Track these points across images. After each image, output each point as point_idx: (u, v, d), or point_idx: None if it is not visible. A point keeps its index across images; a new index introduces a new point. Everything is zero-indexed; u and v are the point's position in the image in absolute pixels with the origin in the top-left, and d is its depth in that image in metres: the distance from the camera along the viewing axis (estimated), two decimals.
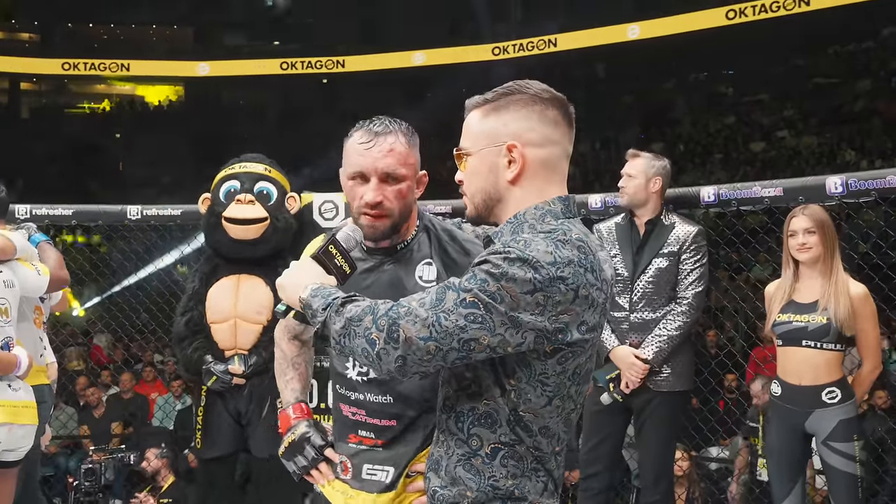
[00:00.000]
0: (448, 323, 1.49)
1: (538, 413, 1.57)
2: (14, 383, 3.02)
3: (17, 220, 4.67)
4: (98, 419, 6.96)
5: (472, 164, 1.68)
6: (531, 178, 1.64)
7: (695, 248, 3.67)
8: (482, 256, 1.54)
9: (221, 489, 4.19)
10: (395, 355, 1.52)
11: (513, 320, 1.48)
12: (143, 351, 9.07)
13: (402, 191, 1.94)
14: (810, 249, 3.35)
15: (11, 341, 3.07)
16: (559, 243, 1.52)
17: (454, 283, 1.53)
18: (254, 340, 4.07)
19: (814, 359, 3.31)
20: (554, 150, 1.66)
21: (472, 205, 1.70)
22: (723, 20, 17.81)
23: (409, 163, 1.95)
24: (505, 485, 1.59)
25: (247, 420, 4.10)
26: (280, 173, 4.34)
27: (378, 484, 1.96)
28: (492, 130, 1.65)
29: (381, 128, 1.96)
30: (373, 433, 1.97)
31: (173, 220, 4.94)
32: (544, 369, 1.55)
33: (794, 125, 18.15)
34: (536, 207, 1.62)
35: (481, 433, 1.59)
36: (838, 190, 3.70)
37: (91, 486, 5.38)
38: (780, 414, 3.42)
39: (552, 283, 1.48)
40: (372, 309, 1.57)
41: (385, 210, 1.93)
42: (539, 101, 1.65)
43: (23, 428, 3.02)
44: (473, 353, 1.51)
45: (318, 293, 1.67)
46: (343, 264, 1.82)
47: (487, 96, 1.68)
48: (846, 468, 3.25)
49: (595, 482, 3.77)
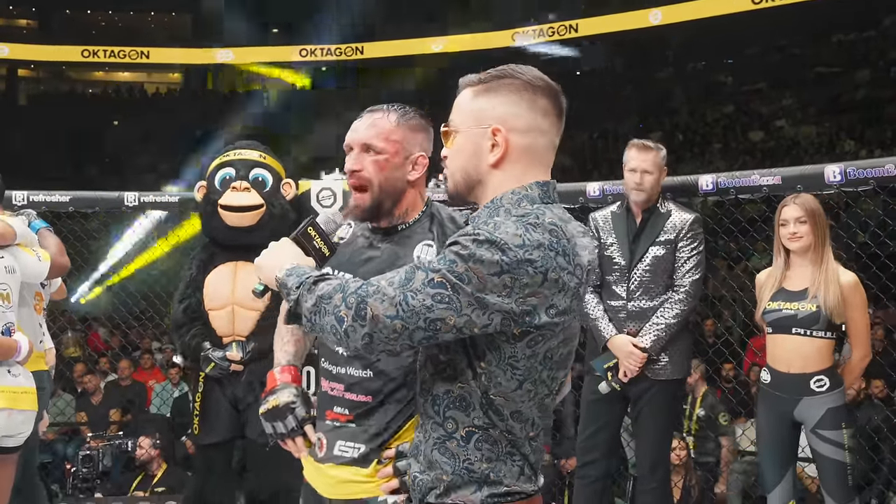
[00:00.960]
0: (415, 302, 1.50)
1: (509, 397, 1.57)
2: (14, 369, 3.03)
3: (14, 207, 4.66)
4: (96, 406, 6.98)
5: (458, 142, 1.68)
6: (513, 164, 1.64)
7: (692, 236, 3.65)
8: (453, 238, 1.54)
9: (219, 475, 4.20)
10: (361, 333, 1.53)
11: (479, 301, 1.49)
12: (141, 338, 9.08)
13: (379, 162, 1.98)
14: (801, 239, 3.36)
15: (13, 327, 3.07)
16: (529, 226, 1.52)
17: (424, 263, 1.54)
18: (252, 327, 4.08)
19: (803, 346, 3.32)
20: (539, 139, 1.65)
21: (452, 182, 1.70)
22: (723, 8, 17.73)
23: (391, 138, 1.99)
24: (480, 468, 1.58)
25: (244, 406, 4.11)
26: (275, 159, 4.34)
27: (349, 459, 1.99)
28: (480, 111, 1.65)
29: (376, 108, 2.03)
30: (347, 409, 1.99)
31: (171, 206, 4.94)
32: (514, 353, 1.55)
33: (793, 115, 18.13)
34: (514, 192, 1.63)
35: (456, 416, 1.60)
36: (837, 178, 3.70)
37: (89, 473, 5.39)
38: (769, 401, 3.43)
39: (519, 265, 1.48)
40: (342, 287, 1.58)
41: (363, 179, 1.98)
42: (530, 89, 1.64)
43: (22, 413, 3.02)
44: (440, 332, 1.52)
45: (293, 272, 1.69)
46: (322, 246, 1.83)
47: (481, 76, 1.68)
48: (835, 456, 3.27)
49: (592, 470, 3.78)
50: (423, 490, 1.63)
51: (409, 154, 2.01)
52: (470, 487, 1.59)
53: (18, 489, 3.36)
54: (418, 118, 2.04)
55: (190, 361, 4.31)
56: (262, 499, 4.21)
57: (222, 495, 4.22)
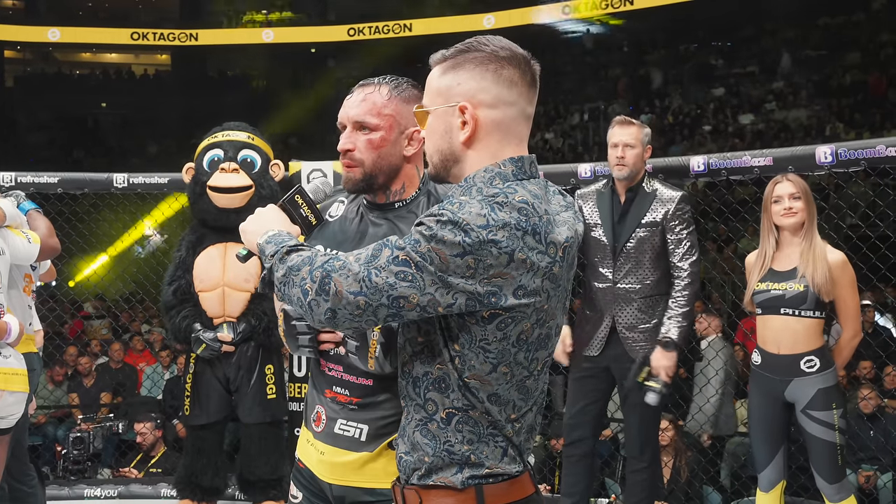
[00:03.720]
0: (378, 279, 1.49)
1: (484, 380, 1.54)
2: (4, 350, 3.02)
3: (1, 189, 4.63)
4: (87, 388, 6.97)
5: (430, 123, 1.64)
6: (485, 140, 1.60)
7: (680, 216, 3.60)
8: (420, 217, 1.52)
9: (209, 456, 4.21)
10: (325, 307, 1.53)
11: (442, 281, 1.47)
12: (132, 321, 9.05)
13: (373, 141, 1.91)
14: (795, 214, 3.34)
15: (2, 308, 3.06)
16: (496, 205, 1.48)
17: (391, 241, 1.52)
18: (242, 308, 4.08)
19: (792, 326, 3.32)
20: (508, 111, 1.61)
21: (431, 164, 1.67)
22: None
23: (383, 113, 1.91)
24: (460, 450, 1.56)
25: (235, 387, 4.11)
26: (263, 141, 4.33)
27: (350, 440, 1.91)
28: (446, 89, 1.61)
29: (367, 82, 1.96)
30: (348, 390, 1.93)
31: (160, 188, 4.91)
32: (484, 335, 1.52)
33: (783, 98, 18.13)
34: (486, 170, 1.59)
35: (436, 398, 1.58)
36: (828, 160, 3.70)
37: (80, 455, 5.39)
38: (759, 383, 3.45)
39: (482, 246, 1.46)
40: (311, 259, 1.57)
41: (355, 159, 1.92)
42: (495, 60, 1.60)
43: (13, 395, 3.02)
44: (403, 310, 1.50)
45: (272, 240, 1.68)
46: (309, 214, 1.82)
47: (446, 53, 1.64)
48: (825, 436, 3.28)
49: (578, 448, 3.79)
50: (408, 471, 1.63)
51: (403, 129, 1.93)
52: (451, 469, 1.57)
53: (9, 471, 3.36)
54: (412, 89, 1.96)
55: (181, 343, 4.30)
56: (253, 480, 4.22)
57: (213, 476, 4.22)
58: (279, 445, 4.25)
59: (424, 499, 1.60)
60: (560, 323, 1.63)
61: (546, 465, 5.34)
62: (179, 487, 4.28)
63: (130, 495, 4.80)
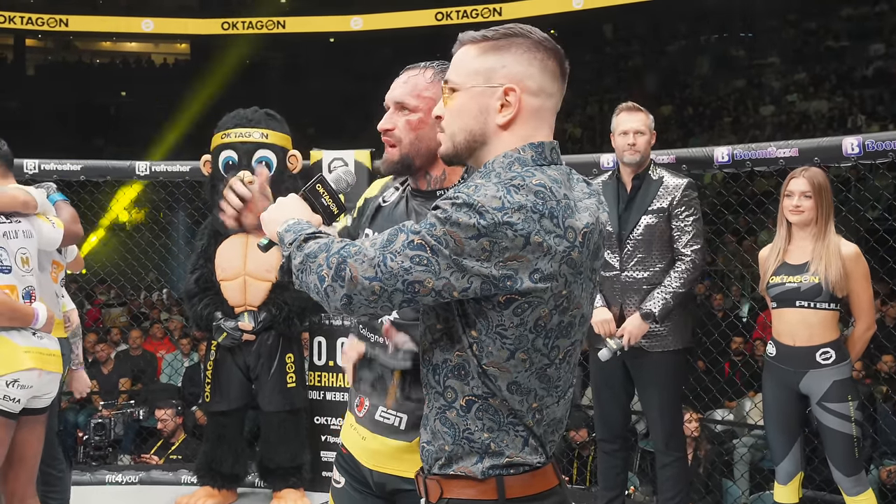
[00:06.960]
0: (393, 264, 1.47)
1: (502, 367, 1.53)
2: (39, 331, 3.07)
3: (25, 175, 4.66)
4: (107, 375, 7.02)
5: (460, 101, 1.61)
6: (521, 126, 1.59)
7: (686, 203, 3.57)
8: (437, 202, 1.51)
9: (230, 443, 4.23)
10: (341, 293, 1.52)
11: (458, 265, 1.46)
12: (152, 308, 9.11)
13: (411, 122, 1.92)
14: (803, 213, 3.34)
15: (33, 290, 3.11)
16: (512, 188, 1.47)
17: (406, 226, 1.51)
18: (263, 297, 4.09)
19: (807, 319, 3.32)
20: (547, 102, 1.61)
21: (451, 143, 1.64)
22: None
23: (423, 95, 1.92)
24: (480, 437, 1.55)
25: (256, 375, 4.13)
26: (279, 133, 4.31)
27: (390, 428, 1.91)
28: (489, 70, 1.59)
29: (414, 65, 1.98)
30: None
31: (181, 175, 4.92)
32: (501, 321, 1.50)
33: (804, 89, 17.96)
34: (505, 155, 1.58)
35: (455, 385, 1.56)
36: (854, 151, 3.66)
37: (101, 441, 5.44)
38: (775, 375, 3.43)
39: (497, 228, 1.44)
40: (327, 246, 1.57)
41: (393, 137, 1.93)
42: (542, 49, 1.59)
43: (49, 374, 3.07)
44: (419, 295, 1.49)
45: (291, 228, 1.67)
46: (330, 204, 1.81)
47: (487, 34, 1.61)
48: (842, 428, 3.27)
49: (612, 441, 3.77)
50: (430, 461, 1.62)
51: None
52: (471, 458, 1.56)
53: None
54: None
55: (202, 330, 4.33)
56: (272, 468, 4.23)
57: (234, 463, 4.25)
58: (299, 433, 4.27)
59: (445, 489, 1.59)
60: (587, 314, 1.60)
61: (565, 455, 5.32)
62: (200, 474, 4.30)
63: (151, 481, 4.83)
